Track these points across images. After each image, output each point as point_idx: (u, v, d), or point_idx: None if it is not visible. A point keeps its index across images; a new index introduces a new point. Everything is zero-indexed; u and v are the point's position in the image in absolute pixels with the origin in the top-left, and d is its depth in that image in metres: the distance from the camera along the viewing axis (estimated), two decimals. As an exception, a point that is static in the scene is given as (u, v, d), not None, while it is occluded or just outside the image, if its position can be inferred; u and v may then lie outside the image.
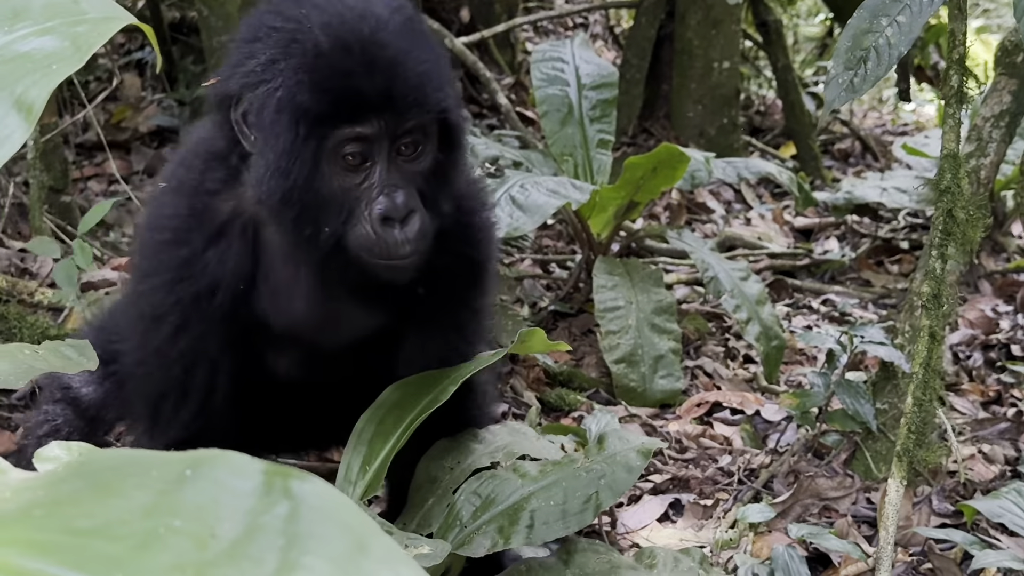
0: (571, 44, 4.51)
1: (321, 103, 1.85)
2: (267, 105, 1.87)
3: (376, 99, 1.86)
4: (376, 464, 2.16)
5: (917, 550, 2.84)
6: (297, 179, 1.87)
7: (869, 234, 5.25)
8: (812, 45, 8.05)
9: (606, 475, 2.21)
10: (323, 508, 0.96)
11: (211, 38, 4.78)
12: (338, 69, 1.86)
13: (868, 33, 1.74)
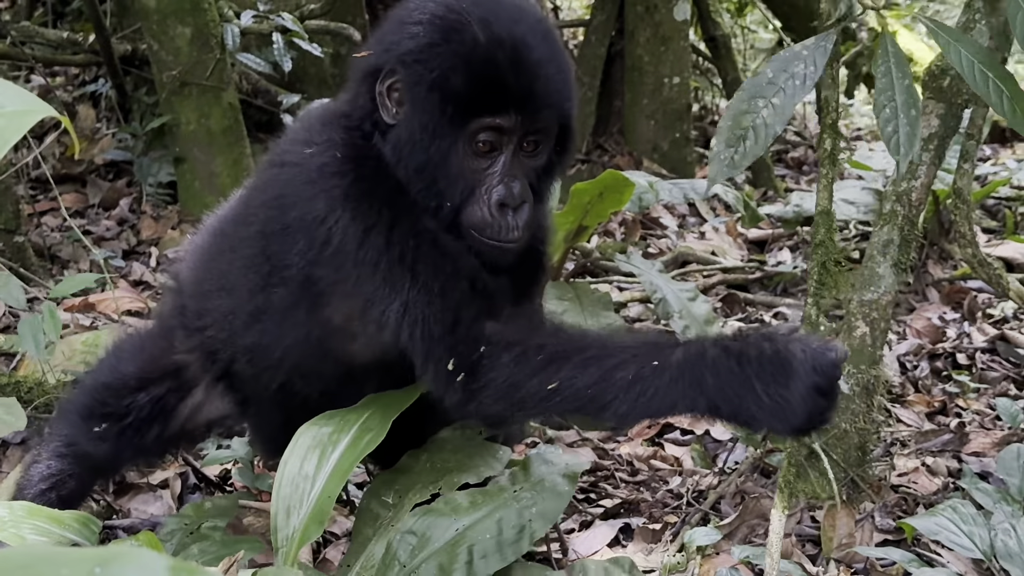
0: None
1: (470, 90, 2.03)
2: (420, 83, 2.05)
3: (518, 96, 2.03)
4: (307, 510, 2.20)
5: (860, 567, 2.90)
6: (434, 154, 2.06)
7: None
8: (763, 55, 8.12)
9: (536, 503, 2.26)
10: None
11: (161, 71, 4.81)
12: (491, 62, 2.02)
13: (746, 114, 1.82)
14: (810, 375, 1.83)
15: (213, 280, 2.43)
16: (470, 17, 2.04)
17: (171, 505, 3.02)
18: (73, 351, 3.45)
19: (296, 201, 2.14)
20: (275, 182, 2.23)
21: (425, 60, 2.04)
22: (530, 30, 2.07)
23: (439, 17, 2.07)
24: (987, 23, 3.15)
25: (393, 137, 2.10)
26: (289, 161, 2.21)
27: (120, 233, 4.99)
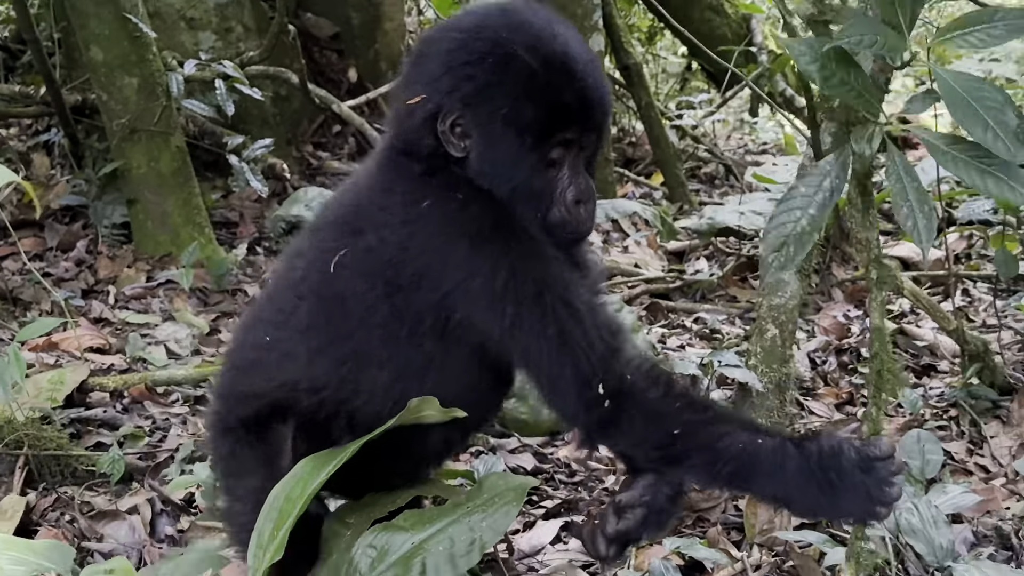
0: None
1: (542, 119, 2.08)
2: (492, 120, 2.08)
3: (577, 111, 2.11)
4: (283, 531, 2.21)
5: (780, 550, 2.95)
6: (521, 178, 2.11)
7: (734, 252, 5.37)
8: (674, 80, 8.19)
9: (487, 517, 2.28)
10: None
11: (111, 120, 4.79)
12: (551, 87, 2.07)
13: (785, 224, 1.91)
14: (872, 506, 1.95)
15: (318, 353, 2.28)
16: (517, 48, 2.07)
17: (137, 528, 3.01)
18: (39, 389, 3.42)
19: (429, 252, 2.11)
20: (388, 243, 2.13)
21: (491, 99, 2.08)
22: (568, 43, 2.13)
23: (489, 54, 2.09)
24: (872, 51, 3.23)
25: (474, 168, 2.12)
26: (397, 221, 2.13)
27: (79, 273, 4.96)
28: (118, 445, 3.34)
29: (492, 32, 2.11)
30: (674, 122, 6.92)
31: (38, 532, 2.98)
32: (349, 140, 6.27)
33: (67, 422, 3.44)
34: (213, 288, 4.74)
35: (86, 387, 3.60)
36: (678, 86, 8.02)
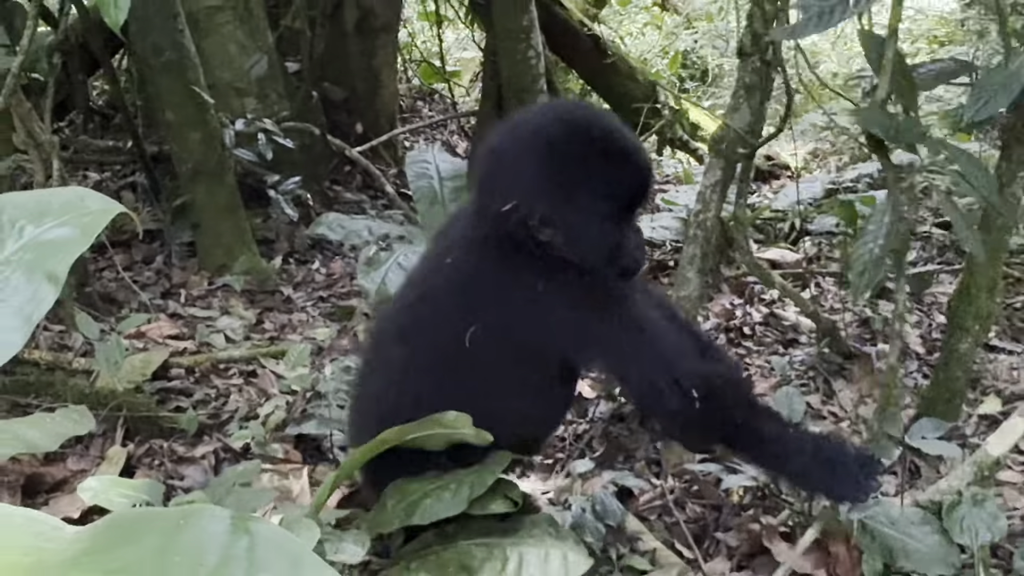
0: (432, 149, 4.62)
1: (618, 208, 2.09)
2: (578, 213, 2.06)
3: (640, 194, 2.14)
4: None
5: (689, 479, 2.99)
6: (602, 250, 2.12)
7: (648, 258, 5.39)
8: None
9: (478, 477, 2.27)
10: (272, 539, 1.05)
11: (180, 165, 4.77)
12: (624, 185, 2.08)
13: (863, 254, 2.00)
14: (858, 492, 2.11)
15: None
16: (588, 153, 2.04)
17: (208, 470, 3.01)
18: (133, 367, 3.42)
19: (558, 321, 2.15)
20: (518, 317, 2.16)
21: (574, 199, 2.05)
22: (625, 138, 2.11)
23: (563, 163, 2.05)
24: (748, 104, 3.27)
25: (560, 247, 2.10)
26: (521, 301, 2.14)
27: (158, 280, 4.93)
28: (192, 408, 3.34)
29: (562, 142, 2.06)
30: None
31: (135, 474, 2.99)
32: (357, 177, 6.24)
33: (154, 392, 3.43)
34: (257, 290, 4.73)
35: (167, 365, 3.60)
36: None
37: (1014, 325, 4.21)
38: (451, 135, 8.16)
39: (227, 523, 1.04)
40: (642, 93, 7.18)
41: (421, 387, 2.30)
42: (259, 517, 1.09)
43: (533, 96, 5.81)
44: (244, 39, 5.56)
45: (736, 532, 2.72)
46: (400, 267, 3.55)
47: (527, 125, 2.17)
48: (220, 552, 0.99)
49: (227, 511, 1.07)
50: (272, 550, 1.00)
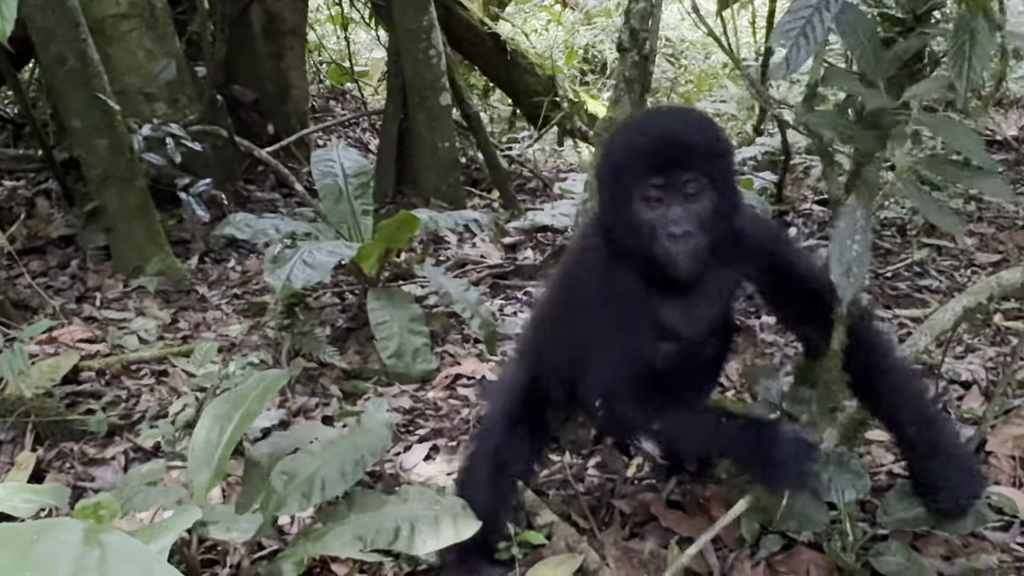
0: (336, 148, 4.53)
1: (631, 165, 1.99)
2: (604, 175, 2.07)
3: (665, 161, 1.96)
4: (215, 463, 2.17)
5: (586, 452, 2.99)
6: (620, 214, 2.02)
7: (550, 244, 5.40)
8: (504, 122, 8.20)
9: (366, 444, 2.27)
10: (123, 550, 1.02)
11: (90, 170, 4.63)
12: (644, 149, 1.98)
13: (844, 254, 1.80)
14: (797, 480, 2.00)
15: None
16: (623, 136, 2.07)
17: (118, 471, 2.93)
18: (42, 373, 3.31)
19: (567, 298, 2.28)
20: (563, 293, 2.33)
21: (601, 175, 2.08)
22: (676, 127, 2.01)
23: (610, 149, 2.09)
24: (629, 97, 3.28)
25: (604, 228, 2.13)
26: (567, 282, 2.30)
27: (73, 284, 4.78)
28: (102, 410, 3.24)
29: (612, 138, 2.12)
30: (505, 152, 6.93)
31: (45, 478, 2.89)
32: (270, 176, 6.13)
33: (64, 396, 3.32)
34: (173, 290, 4.62)
35: (78, 369, 3.49)
36: (507, 126, 8.02)
37: (885, 293, 4.31)
38: (363, 132, 8.07)
39: (79, 536, 1.01)
40: (542, 87, 7.18)
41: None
42: (113, 528, 1.05)
43: (436, 94, 5.78)
44: (151, 45, 5.41)
45: (629, 501, 2.73)
46: (305, 264, 3.48)
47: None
48: (72, 564, 0.97)
49: (81, 524, 1.03)
50: (123, 560, 0.98)
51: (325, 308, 4.35)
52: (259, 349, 3.79)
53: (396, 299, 3.89)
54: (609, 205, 2.09)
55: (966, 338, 3.64)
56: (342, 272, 4.71)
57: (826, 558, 2.29)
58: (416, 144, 5.95)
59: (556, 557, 2.38)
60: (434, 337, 4.03)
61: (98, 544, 1.01)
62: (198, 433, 2.22)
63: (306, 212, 5.16)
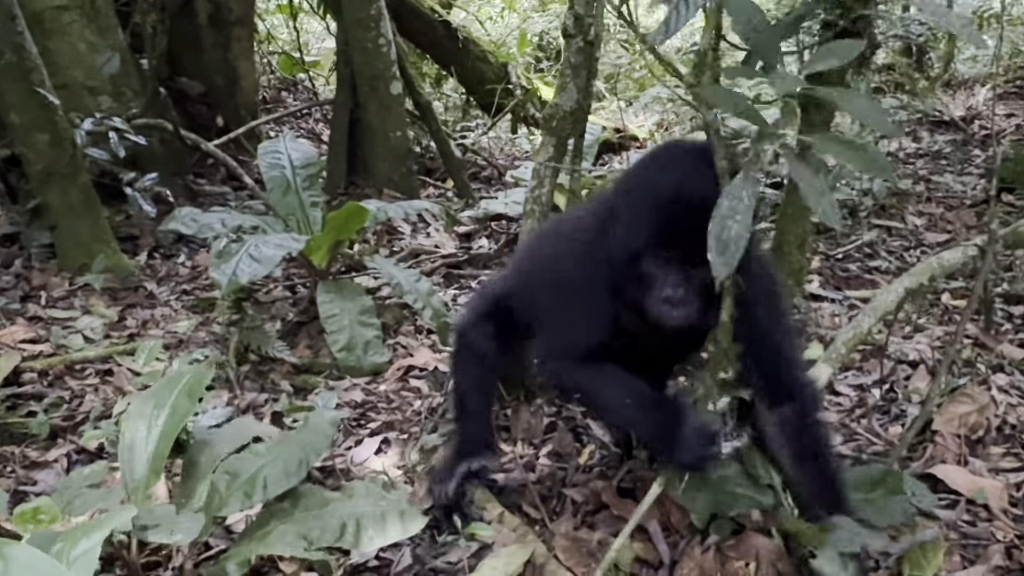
0: (284, 139, 4.46)
1: (651, 226, 1.96)
2: (628, 211, 2.02)
3: (675, 238, 1.93)
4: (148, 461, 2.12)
5: (538, 442, 2.98)
6: (627, 248, 2.01)
7: (504, 232, 5.37)
8: (458, 111, 8.14)
9: (310, 442, 2.23)
10: (27, 562, 0.98)
11: (32, 167, 4.51)
12: (667, 218, 1.93)
13: (724, 230, 1.74)
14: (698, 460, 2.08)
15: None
16: (652, 195, 1.98)
17: (61, 473, 2.86)
18: (-15, 373, 3.23)
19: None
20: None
21: (632, 213, 2.01)
22: (689, 198, 1.92)
23: (636, 194, 2.03)
24: (575, 84, 3.25)
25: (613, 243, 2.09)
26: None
27: (17, 283, 4.67)
28: (44, 412, 3.17)
29: (646, 177, 2.04)
30: (459, 141, 6.88)
31: (-15, 483, 2.81)
32: (220, 170, 6.02)
33: (4, 398, 3.24)
34: (120, 287, 4.53)
35: (19, 370, 3.40)
36: (461, 115, 7.96)
37: (836, 275, 4.33)
38: (316, 123, 7.98)
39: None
40: (495, 74, 7.14)
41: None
42: (14, 542, 1.02)
43: (386, 83, 5.71)
44: (93, 37, 5.29)
45: (581, 489, 2.72)
46: (251, 258, 3.42)
47: (662, 147, 2.18)
48: (-29, 579, 0.93)
49: (-19, 537, 0.99)
50: (25, 572, 0.94)
51: (276, 302, 4.29)
52: (207, 345, 3.73)
53: (346, 291, 3.84)
54: (620, 231, 2.04)
55: (914, 318, 3.66)
56: (293, 265, 4.65)
57: (774, 543, 2.28)
58: (368, 134, 5.88)
59: (504, 550, 2.36)
60: (386, 329, 3.99)
61: (1, 557, 0.98)
62: (125, 433, 2.17)
63: (256, 205, 5.09)
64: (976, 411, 2.77)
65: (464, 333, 2.67)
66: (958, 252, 2.51)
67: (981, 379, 2.97)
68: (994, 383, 2.95)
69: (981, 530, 2.36)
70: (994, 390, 2.90)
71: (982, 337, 3.29)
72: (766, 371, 2.15)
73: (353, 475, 2.93)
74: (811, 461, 2.19)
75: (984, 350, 3.21)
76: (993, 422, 2.76)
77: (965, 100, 7.25)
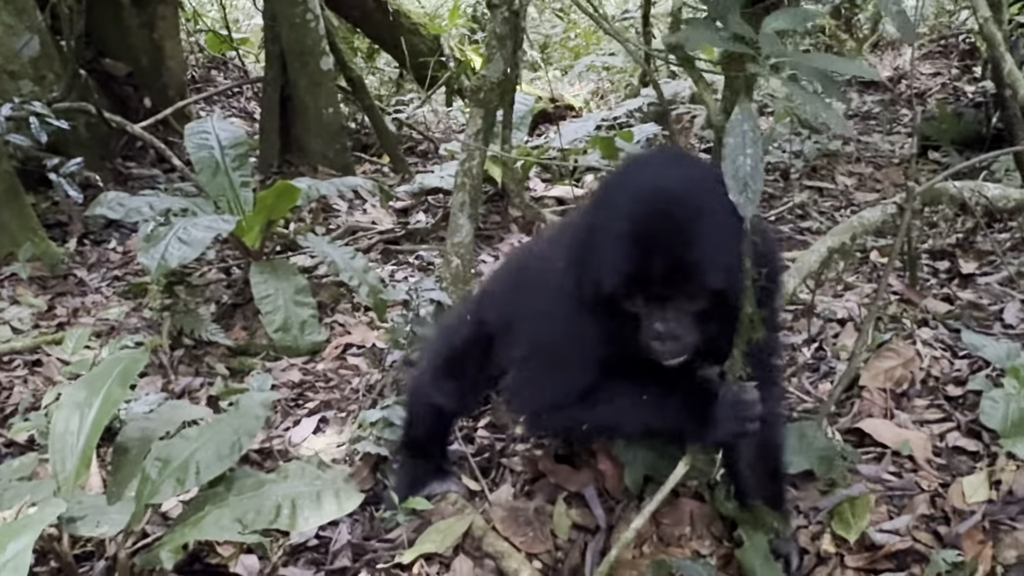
0: (212, 119, 4.38)
1: (622, 277, 1.74)
2: (596, 247, 1.78)
3: (651, 274, 1.72)
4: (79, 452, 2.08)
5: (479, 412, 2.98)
6: (602, 295, 1.79)
7: (441, 206, 5.35)
8: (391, 82, 8.06)
9: (242, 425, 2.21)
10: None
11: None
12: (632, 248, 1.71)
13: (739, 168, 1.65)
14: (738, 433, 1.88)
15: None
16: (623, 213, 1.74)
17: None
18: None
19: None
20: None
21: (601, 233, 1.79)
22: (666, 226, 1.71)
23: (609, 206, 1.79)
24: (502, 55, 3.24)
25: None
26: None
27: (-57, 276, 4.55)
28: (-29, 406, 3.10)
29: (621, 189, 1.82)
30: (394, 116, 6.82)
31: (-88, 481, 2.74)
32: (150, 153, 5.91)
33: (-71, 394, 3.17)
34: (49, 275, 4.43)
35: (-56, 365, 3.32)
36: (395, 89, 7.88)
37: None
38: (248, 102, 7.84)
39: None
40: (428, 47, 7.08)
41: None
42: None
43: (316, 59, 5.62)
44: (10, 20, 5.14)
45: (519, 459, 2.74)
46: (180, 241, 3.37)
47: (629, 162, 1.99)
48: None
49: None
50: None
51: (209, 285, 4.23)
52: (139, 332, 3.67)
53: (280, 271, 3.80)
54: (591, 274, 1.81)
55: (844, 277, 3.73)
56: (227, 247, 4.59)
57: (707, 507, 2.33)
58: (300, 111, 5.80)
59: (443, 523, 2.37)
60: (323, 308, 3.96)
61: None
62: (56, 424, 2.13)
63: (186, 187, 5.00)
64: (901, 365, 2.84)
65: (423, 392, 2.53)
66: (878, 210, 2.56)
67: (907, 334, 3.04)
68: (919, 337, 3.01)
69: (907, 481, 2.42)
70: (919, 344, 2.97)
71: (907, 293, 3.36)
72: (751, 363, 2.00)
73: (291, 456, 2.92)
74: (765, 452, 2.19)
75: (909, 306, 3.27)
76: (918, 375, 2.83)
77: (892, 60, 7.35)
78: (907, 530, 2.25)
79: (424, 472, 2.57)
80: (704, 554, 2.24)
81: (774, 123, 5.45)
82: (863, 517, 2.26)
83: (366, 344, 3.67)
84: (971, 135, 5.04)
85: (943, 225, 4.07)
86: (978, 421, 2.55)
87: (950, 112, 5.26)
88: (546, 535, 2.35)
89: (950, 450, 2.53)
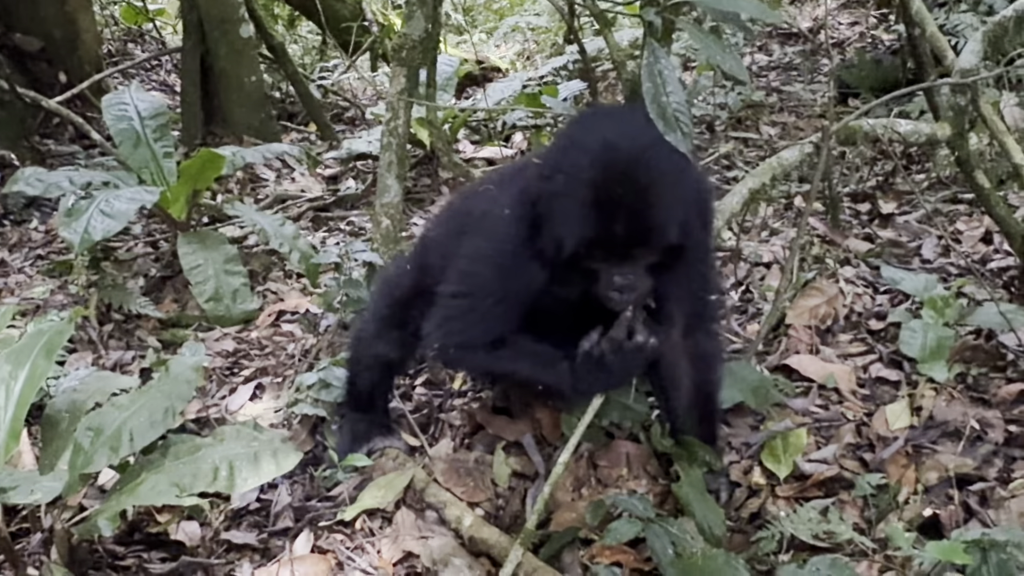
0: (130, 90, 4.28)
1: (583, 236, 1.79)
2: (557, 209, 1.82)
3: (613, 229, 1.76)
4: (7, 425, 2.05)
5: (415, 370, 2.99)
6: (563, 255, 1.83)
7: (370, 171, 5.31)
8: (314, 51, 7.95)
9: (174, 390, 2.20)
10: None
11: None
12: (596, 213, 1.75)
13: (664, 108, 1.68)
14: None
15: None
16: (585, 172, 1.76)
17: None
18: None
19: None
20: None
21: (561, 197, 1.81)
22: (629, 181, 1.74)
23: (570, 167, 1.81)
24: (422, 12, 3.22)
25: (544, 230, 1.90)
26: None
27: None
28: None
29: (579, 150, 1.81)
30: (319, 83, 6.74)
31: None
32: (68, 129, 5.76)
33: None
34: (-33, 258, 4.33)
35: None
36: (318, 56, 7.78)
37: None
38: (168, 74, 7.68)
39: None
40: (350, 12, 6.99)
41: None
42: None
43: (235, 26, 5.52)
44: (-88, -4, 4.97)
45: (458, 414, 2.76)
46: (103, 214, 3.31)
47: (581, 120, 2.01)
48: None
49: None
50: None
51: (137, 259, 4.17)
52: (65, 308, 3.60)
53: (209, 241, 3.76)
54: (550, 233, 1.86)
55: (770, 222, 3.80)
56: (154, 220, 4.52)
57: (642, 447, 2.38)
58: (221, 81, 5.69)
59: (384, 478, 2.39)
60: (255, 276, 3.93)
61: None
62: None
63: (107, 161, 4.89)
64: (825, 303, 2.92)
65: (368, 344, 2.54)
66: (796, 150, 2.62)
67: (830, 273, 3.12)
68: (842, 276, 3.10)
69: (833, 412, 2.51)
70: (842, 282, 3.05)
71: (830, 234, 3.45)
72: (691, 304, 2.12)
73: (229, 423, 2.90)
74: (702, 392, 2.26)
75: (832, 246, 3.36)
76: (841, 312, 2.92)
77: (812, 11, 7.46)
78: (834, 459, 2.33)
79: (368, 427, 2.57)
80: (641, 492, 2.29)
81: (697, 75, 5.51)
82: (794, 452, 2.33)
83: (300, 310, 3.65)
84: (889, 81, 5.15)
85: (864, 169, 4.17)
86: (899, 352, 2.64)
87: (868, 60, 5.36)
88: (487, 484, 2.38)
89: (873, 381, 2.62)
